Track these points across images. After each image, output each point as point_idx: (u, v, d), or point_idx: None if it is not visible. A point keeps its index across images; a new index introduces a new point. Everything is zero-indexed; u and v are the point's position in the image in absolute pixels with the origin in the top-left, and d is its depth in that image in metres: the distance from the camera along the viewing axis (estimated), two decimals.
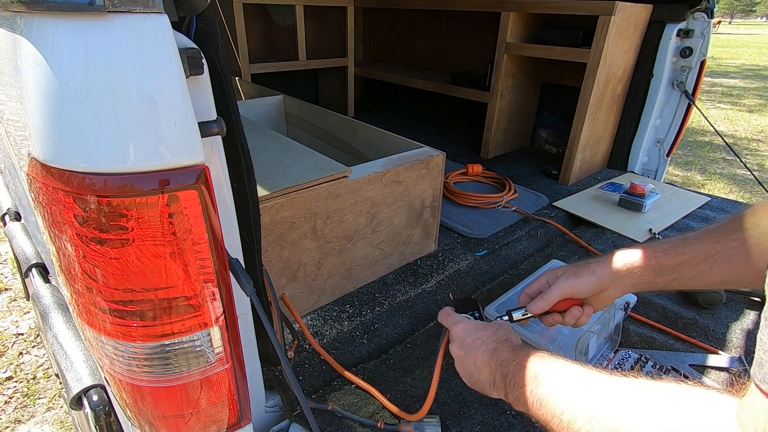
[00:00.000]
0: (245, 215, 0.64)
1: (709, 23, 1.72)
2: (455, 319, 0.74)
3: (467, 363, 0.67)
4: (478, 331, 0.68)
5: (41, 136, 0.40)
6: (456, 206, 1.58)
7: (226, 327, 0.52)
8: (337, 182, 0.97)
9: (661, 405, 0.43)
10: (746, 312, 1.11)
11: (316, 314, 1.05)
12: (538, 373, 0.55)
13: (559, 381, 0.53)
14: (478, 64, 2.34)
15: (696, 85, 1.81)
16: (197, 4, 0.48)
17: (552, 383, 0.53)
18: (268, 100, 1.76)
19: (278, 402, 0.86)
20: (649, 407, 0.43)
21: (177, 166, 0.42)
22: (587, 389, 0.50)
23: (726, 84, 9.13)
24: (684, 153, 4.74)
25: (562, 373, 0.54)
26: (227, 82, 0.56)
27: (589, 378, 0.51)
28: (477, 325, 0.70)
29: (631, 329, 1.04)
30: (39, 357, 1.87)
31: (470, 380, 0.67)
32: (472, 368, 0.66)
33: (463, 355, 0.68)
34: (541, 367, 0.56)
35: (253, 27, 2.41)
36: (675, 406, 0.43)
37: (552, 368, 0.55)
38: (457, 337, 0.70)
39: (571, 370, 0.54)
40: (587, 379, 0.51)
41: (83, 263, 0.43)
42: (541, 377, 0.55)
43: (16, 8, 0.38)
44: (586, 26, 1.69)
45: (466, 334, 0.69)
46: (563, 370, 0.54)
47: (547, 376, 0.54)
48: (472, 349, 0.66)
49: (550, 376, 0.54)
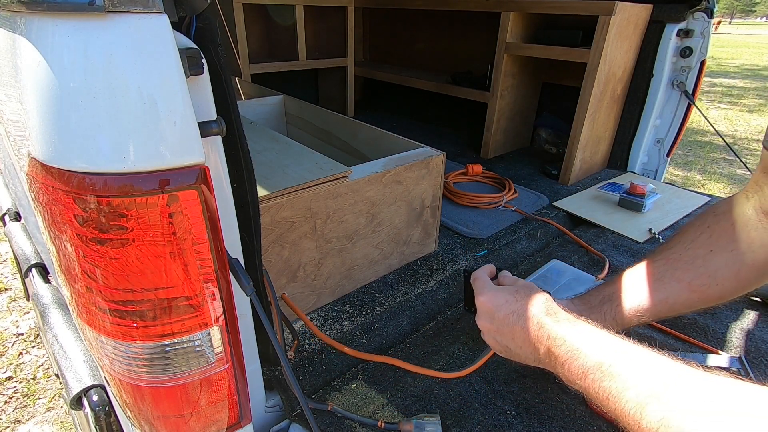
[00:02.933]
0: (245, 215, 0.64)
1: (709, 23, 1.72)
2: (482, 287, 0.68)
3: (502, 338, 0.63)
4: (509, 303, 0.63)
5: (41, 136, 0.40)
6: (456, 206, 1.58)
7: (226, 327, 0.52)
8: (337, 182, 0.97)
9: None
10: (746, 312, 1.11)
11: (316, 314, 1.05)
12: (604, 361, 0.50)
13: (640, 376, 0.47)
14: (478, 64, 2.34)
15: (696, 85, 1.81)
16: (197, 4, 0.48)
17: (629, 377, 0.47)
18: (268, 100, 1.76)
19: (278, 402, 0.86)
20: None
21: (177, 166, 0.42)
22: (692, 394, 0.43)
23: (726, 84, 9.13)
24: (684, 153, 4.74)
25: (641, 365, 0.48)
26: (227, 82, 0.56)
27: (689, 377, 0.44)
28: (505, 295, 0.65)
29: (631, 329, 1.04)
30: (39, 357, 1.87)
31: (506, 352, 0.64)
32: (509, 342, 0.62)
33: (496, 330, 0.64)
34: (607, 354, 0.50)
35: (253, 27, 2.41)
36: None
37: (622, 357, 0.49)
38: (486, 310, 0.66)
39: (652, 360, 0.48)
40: (686, 378, 0.44)
41: (83, 263, 0.43)
42: (610, 369, 0.49)
43: (16, 8, 0.38)
44: (586, 26, 1.69)
45: (496, 307, 0.64)
46: (641, 358, 0.48)
47: (619, 368, 0.49)
48: (507, 324, 0.62)
49: (624, 368, 0.48)
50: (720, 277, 0.66)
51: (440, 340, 1.01)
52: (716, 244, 0.67)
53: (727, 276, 0.66)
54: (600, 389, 0.49)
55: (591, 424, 0.80)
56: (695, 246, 0.69)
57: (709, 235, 0.68)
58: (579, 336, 0.54)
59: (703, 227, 0.69)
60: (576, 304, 0.74)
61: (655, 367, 0.47)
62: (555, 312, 0.60)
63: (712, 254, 0.67)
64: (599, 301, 0.72)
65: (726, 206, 0.69)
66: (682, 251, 0.69)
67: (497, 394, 0.86)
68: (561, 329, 0.57)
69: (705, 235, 0.69)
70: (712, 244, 0.67)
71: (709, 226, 0.69)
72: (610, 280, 0.74)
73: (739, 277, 0.66)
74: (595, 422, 0.80)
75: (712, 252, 0.67)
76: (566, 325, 0.57)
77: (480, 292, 0.68)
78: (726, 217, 0.67)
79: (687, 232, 0.71)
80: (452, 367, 0.93)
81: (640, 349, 0.50)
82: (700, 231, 0.69)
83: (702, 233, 0.69)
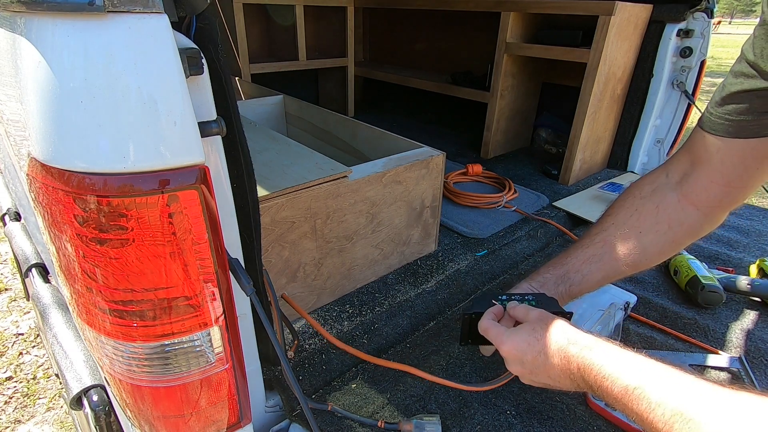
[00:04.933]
0: (245, 215, 0.64)
1: (709, 23, 1.72)
2: (499, 337, 0.69)
3: (538, 378, 0.65)
4: (532, 345, 0.64)
5: (41, 136, 0.40)
6: (456, 206, 1.58)
7: (226, 327, 0.52)
8: (337, 182, 0.97)
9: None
10: (746, 312, 1.11)
11: (316, 314, 1.05)
12: (629, 384, 0.52)
13: (666, 395, 0.49)
14: (478, 64, 2.34)
15: (696, 85, 1.81)
16: (197, 4, 0.48)
17: (655, 398, 0.49)
18: (268, 100, 1.76)
19: (278, 402, 0.86)
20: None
21: (177, 166, 0.42)
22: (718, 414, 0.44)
23: None
24: None
25: (667, 384, 0.49)
26: (227, 82, 0.56)
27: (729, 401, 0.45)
28: (525, 336, 0.66)
29: (631, 329, 1.04)
30: (39, 357, 1.87)
31: (548, 386, 0.66)
32: (546, 380, 0.64)
33: (530, 372, 0.65)
34: (633, 378, 0.53)
35: (253, 27, 2.41)
36: None
37: (648, 378, 0.51)
38: (513, 358, 0.66)
39: (676, 379, 0.50)
40: (710, 397, 0.46)
41: (83, 263, 0.43)
42: (635, 392, 0.51)
43: (16, 8, 0.38)
44: (586, 26, 1.69)
45: (522, 352, 0.65)
46: (666, 377, 0.50)
47: (645, 390, 0.51)
48: (538, 366, 0.63)
49: (650, 389, 0.50)
50: (648, 253, 0.78)
51: (440, 340, 1.01)
52: (643, 225, 0.77)
53: (653, 251, 0.78)
54: (631, 411, 0.52)
55: (591, 424, 0.80)
56: (626, 227, 0.79)
57: (637, 218, 0.78)
58: (604, 362, 0.57)
59: (631, 209, 0.79)
60: (535, 288, 0.83)
61: (679, 386, 0.50)
62: (576, 341, 0.61)
63: (641, 234, 0.77)
64: (554, 282, 0.83)
65: (649, 187, 0.79)
66: (616, 233, 0.80)
67: (497, 394, 0.86)
68: (585, 359, 0.59)
69: (634, 217, 0.79)
70: (640, 226, 0.78)
71: (637, 209, 0.79)
72: (556, 262, 0.85)
73: (662, 251, 0.78)
74: (595, 422, 0.80)
75: (641, 233, 0.77)
76: (588, 353, 0.59)
77: (500, 342, 0.69)
78: (651, 200, 0.78)
79: (618, 215, 0.81)
80: (452, 366, 0.93)
81: (662, 368, 0.53)
82: (629, 213, 0.79)
83: (631, 215, 0.79)
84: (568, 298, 0.83)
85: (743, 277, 1.16)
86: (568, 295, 0.82)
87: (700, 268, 1.16)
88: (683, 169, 0.75)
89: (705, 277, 1.12)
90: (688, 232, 0.76)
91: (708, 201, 0.72)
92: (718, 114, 0.66)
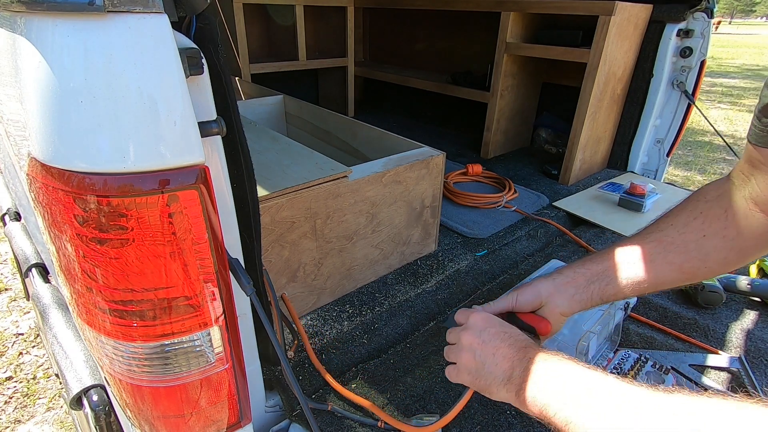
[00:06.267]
0: (245, 215, 0.64)
1: (709, 23, 1.72)
2: (477, 309, 0.69)
3: (482, 352, 0.63)
4: (504, 326, 0.64)
5: (41, 136, 0.40)
6: (456, 206, 1.58)
7: (226, 327, 0.52)
8: (337, 182, 0.97)
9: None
10: (746, 312, 1.11)
11: (316, 314, 1.05)
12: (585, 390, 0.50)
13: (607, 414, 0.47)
14: (478, 64, 2.34)
15: (696, 85, 1.81)
16: (197, 4, 0.48)
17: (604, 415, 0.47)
18: (268, 100, 1.76)
19: (278, 402, 0.86)
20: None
21: (177, 166, 0.42)
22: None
23: (726, 84, 9.13)
24: (684, 153, 4.74)
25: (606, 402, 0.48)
26: (227, 82, 0.56)
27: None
28: (502, 321, 0.66)
29: (631, 329, 1.04)
30: (39, 357, 1.87)
31: (476, 373, 0.63)
32: (486, 358, 0.62)
33: (480, 344, 0.63)
34: (588, 383, 0.51)
35: (253, 27, 2.41)
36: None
37: (598, 390, 0.49)
38: (476, 326, 0.65)
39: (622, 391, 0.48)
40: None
41: (83, 263, 0.43)
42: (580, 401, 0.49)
43: (16, 8, 0.38)
44: (586, 26, 1.69)
45: (489, 324, 0.65)
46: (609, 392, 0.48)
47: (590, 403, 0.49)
48: (494, 339, 0.62)
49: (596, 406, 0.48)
50: (710, 261, 0.69)
51: (440, 340, 1.01)
52: (709, 229, 0.69)
53: (715, 259, 0.69)
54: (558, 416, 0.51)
55: None
56: (688, 230, 0.70)
57: (702, 221, 0.70)
58: (570, 367, 0.55)
59: (695, 212, 0.71)
60: (559, 282, 0.74)
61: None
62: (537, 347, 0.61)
63: (705, 239, 0.69)
64: (586, 280, 0.73)
65: (715, 192, 0.71)
66: (675, 235, 0.71)
67: None
68: (546, 354, 0.58)
69: (698, 220, 0.70)
70: (705, 230, 0.69)
71: (702, 211, 0.70)
72: (596, 257, 0.75)
73: (726, 260, 0.69)
74: None
75: (704, 237, 0.69)
76: (552, 355, 0.58)
77: (477, 312, 0.68)
78: (718, 203, 0.70)
79: (678, 216, 0.72)
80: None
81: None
82: (693, 216, 0.71)
83: (695, 218, 0.70)
84: (599, 300, 0.73)
85: (743, 277, 1.16)
86: (599, 296, 0.73)
87: None
88: (745, 177, 0.69)
89: None
90: (758, 241, 0.67)
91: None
92: (760, 127, 0.63)
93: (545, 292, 0.72)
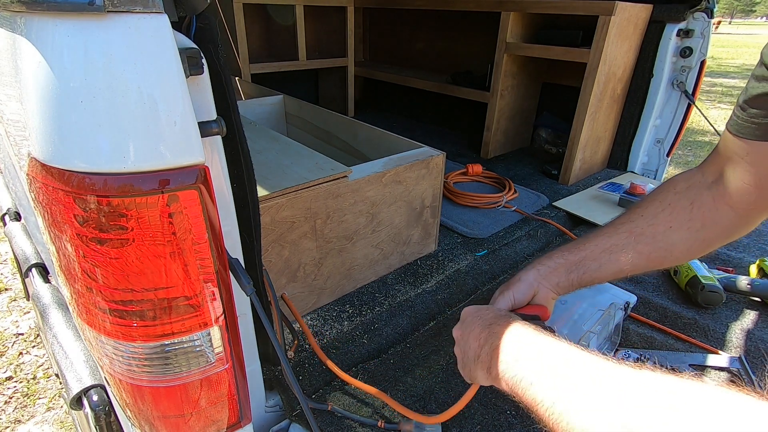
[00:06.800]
0: (245, 215, 0.64)
1: (709, 23, 1.72)
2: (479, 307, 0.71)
3: (463, 341, 0.64)
4: (481, 310, 0.66)
5: (41, 136, 0.40)
6: (456, 206, 1.58)
7: (226, 327, 0.52)
8: (337, 182, 0.97)
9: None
10: (746, 312, 1.11)
11: (316, 314, 1.05)
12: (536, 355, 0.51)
13: (553, 376, 0.49)
14: (478, 64, 2.34)
15: (696, 85, 1.81)
16: (197, 4, 0.48)
17: (550, 378, 0.49)
18: (268, 100, 1.76)
19: (278, 402, 0.86)
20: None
21: (177, 166, 0.42)
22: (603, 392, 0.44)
23: (726, 84, 9.12)
24: (684, 153, 4.74)
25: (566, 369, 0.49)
26: (227, 82, 0.56)
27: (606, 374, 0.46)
28: (487, 307, 0.67)
29: (631, 329, 1.04)
30: (39, 357, 1.87)
31: (462, 363, 0.64)
32: (465, 345, 0.63)
33: (460, 334, 0.65)
34: (540, 347, 0.52)
35: (253, 27, 2.41)
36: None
37: (556, 355, 0.51)
38: (462, 318, 0.67)
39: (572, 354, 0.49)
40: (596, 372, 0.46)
41: (83, 263, 0.43)
42: (535, 362, 0.51)
43: (16, 8, 0.38)
44: (586, 26, 1.69)
45: (469, 314, 0.66)
46: (564, 354, 0.50)
47: (549, 368, 0.50)
48: (470, 325, 0.64)
49: (550, 374, 0.50)
50: (675, 251, 0.75)
51: (440, 340, 1.01)
52: (675, 221, 0.75)
53: (681, 249, 0.75)
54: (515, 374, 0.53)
55: None
56: (656, 222, 0.75)
57: (670, 213, 0.75)
58: (525, 332, 0.56)
59: (664, 204, 0.76)
60: (543, 273, 0.79)
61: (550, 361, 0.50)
62: (515, 319, 0.62)
63: (671, 230, 0.75)
64: (566, 269, 0.79)
65: (684, 184, 0.77)
66: (645, 226, 0.76)
67: (497, 394, 0.86)
68: (508, 324, 0.59)
69: (666, 212, 0.75)
70: (671, 222, 0.75)
71: (670, 203, 0.76)
72: (573, 247, 0.80)
73: (690, 250, 0.75)
74: None
75: (671, 228, 0.75)
76: (515, 323, 0.59)
77: (465, 309, 0.70)
78: (686, 196, 0.75)
79: (648, 207, 0.78)
80: (452, 366, 0.93)
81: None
82: (662, 208, 0.76)
83: (663, 210, 0.76)
84: (578, 286, 0.80)
85: (743, 277, 1.16)
86: (578, 283, 0.79)
87: (700, 268, 1.16)
88: (717, 169, 0.73)
89: (705, 277, 1.12)
90: (722, 232, 0.73)
91: (742, 203, 0.70)
92: (744, 117, 0.65)
93: (535, 283, 0.77)
